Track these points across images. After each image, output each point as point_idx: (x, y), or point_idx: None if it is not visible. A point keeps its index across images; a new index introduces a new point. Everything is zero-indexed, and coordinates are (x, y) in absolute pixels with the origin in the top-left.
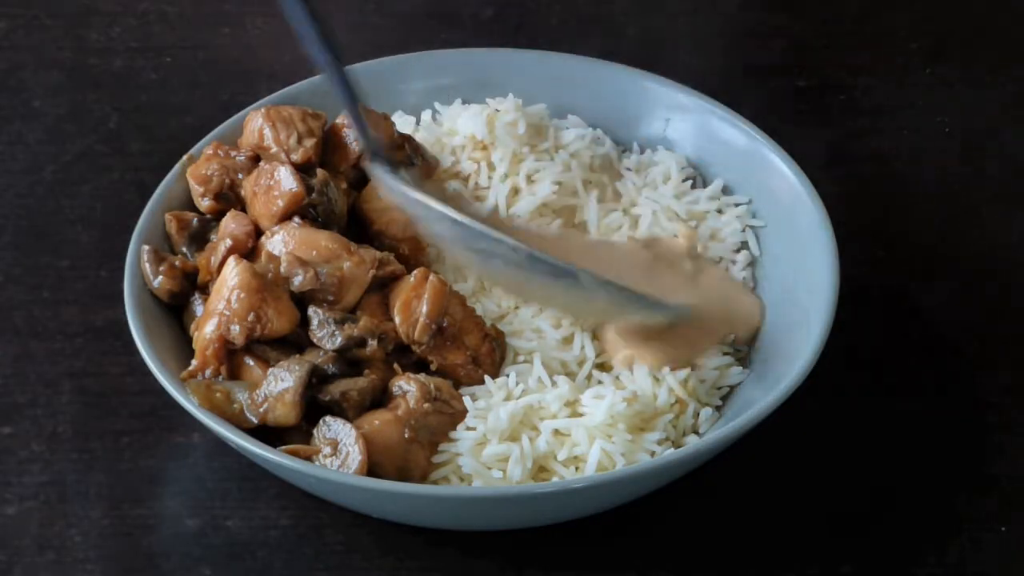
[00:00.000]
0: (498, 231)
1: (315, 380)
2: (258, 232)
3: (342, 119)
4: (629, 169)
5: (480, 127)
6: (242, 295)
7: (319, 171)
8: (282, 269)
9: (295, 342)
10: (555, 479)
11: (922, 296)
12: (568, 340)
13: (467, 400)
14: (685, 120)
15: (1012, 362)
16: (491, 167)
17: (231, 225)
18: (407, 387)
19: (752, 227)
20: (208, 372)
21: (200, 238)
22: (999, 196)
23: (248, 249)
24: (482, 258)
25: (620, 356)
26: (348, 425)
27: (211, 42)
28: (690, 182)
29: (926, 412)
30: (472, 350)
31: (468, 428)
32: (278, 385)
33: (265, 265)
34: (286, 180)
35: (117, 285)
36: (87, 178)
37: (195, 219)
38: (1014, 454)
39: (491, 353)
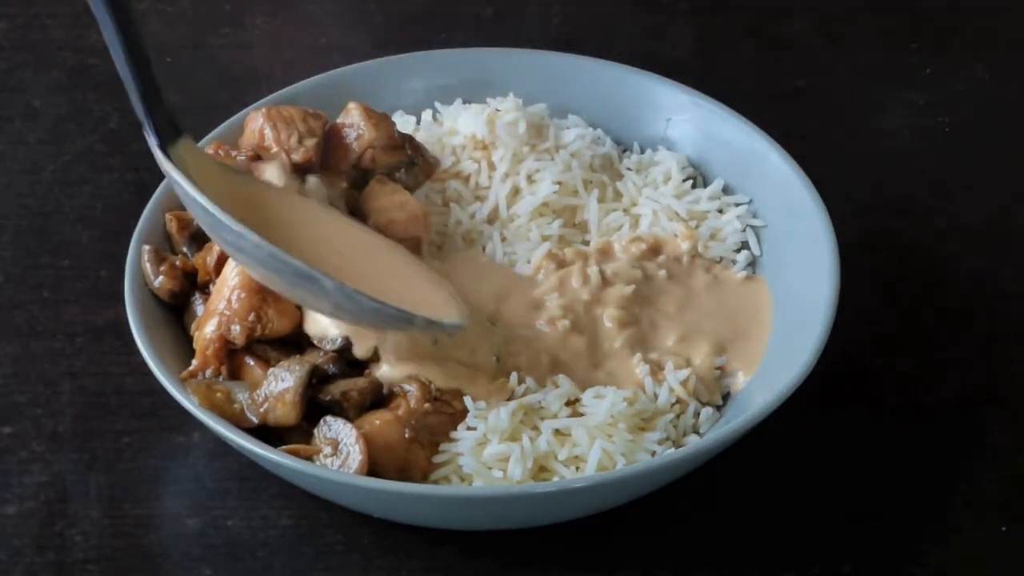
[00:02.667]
0: (241, 224)
1: (315, 380)
2: None
3: (343, 119)
4: (630, 169)
5: (480, 127)
6: (243, 295)
7: (310, 177)
8: None
9: (295, 342)
10: (555, 479)
11: (923, 295)
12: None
13: (467, 400)
14: (685, 120)
15: (1013, 361)
16: (491, 167)
17: None
18: (407, 387)
19: (752, 227)
20: (208, 372)
21: (201, 238)
22: (999, 197)
23: None
24: (233, 250)
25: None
26: (348, 425)
27: (211, 42)
28: (690, 182)
29: (926, 411)
30: (472, 348)
31: (469, 428)
32: (278, 385)
33: None
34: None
35: (117, 285)
36: (87, 178)
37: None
38: (1014, 454)
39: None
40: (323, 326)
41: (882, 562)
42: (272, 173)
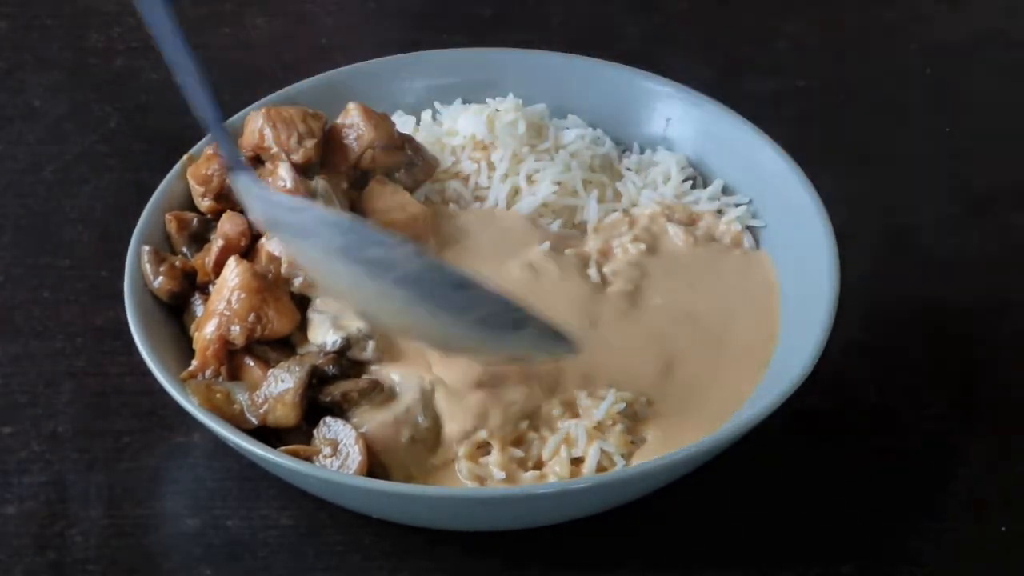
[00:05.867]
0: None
1: (315, 381)
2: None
3: (343, 119)
4: (629, 169)
5: (480, 127)
6: (243, 296)
7: (319, 178)
8: (283, 270)
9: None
10: (555, 479)
11: (923, 295)
12: None
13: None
14: (685, 120)
15: (1012, 361)
16: (491, 167)
17: (225, 225)
18: (407, 387)
19: (752, 227)
20: (208, 372)
21: (200, 238)
22: (999, 197)
23: (242, 249)
24: (370, 270)
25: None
26: (348, 425)
27: (211, 42)
28: (690, 182)
29: (927, 412)
30: None
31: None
32: (278, 386)
33: (266, 266)
34: (281, 177)
35: (117, 285)
36: (87, 178)
37: (195, 219)
38: (1013, 454)
39: None
40: (324, 332)
41: (882, 562)
42: (282, 173)
